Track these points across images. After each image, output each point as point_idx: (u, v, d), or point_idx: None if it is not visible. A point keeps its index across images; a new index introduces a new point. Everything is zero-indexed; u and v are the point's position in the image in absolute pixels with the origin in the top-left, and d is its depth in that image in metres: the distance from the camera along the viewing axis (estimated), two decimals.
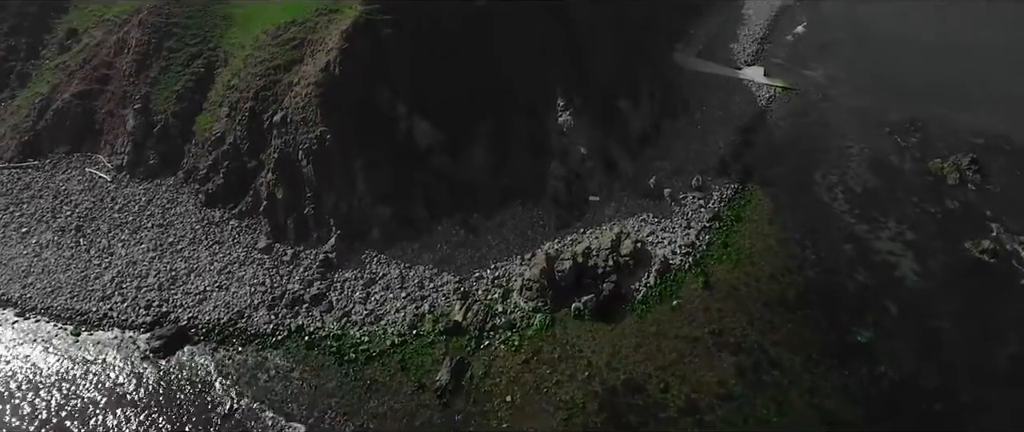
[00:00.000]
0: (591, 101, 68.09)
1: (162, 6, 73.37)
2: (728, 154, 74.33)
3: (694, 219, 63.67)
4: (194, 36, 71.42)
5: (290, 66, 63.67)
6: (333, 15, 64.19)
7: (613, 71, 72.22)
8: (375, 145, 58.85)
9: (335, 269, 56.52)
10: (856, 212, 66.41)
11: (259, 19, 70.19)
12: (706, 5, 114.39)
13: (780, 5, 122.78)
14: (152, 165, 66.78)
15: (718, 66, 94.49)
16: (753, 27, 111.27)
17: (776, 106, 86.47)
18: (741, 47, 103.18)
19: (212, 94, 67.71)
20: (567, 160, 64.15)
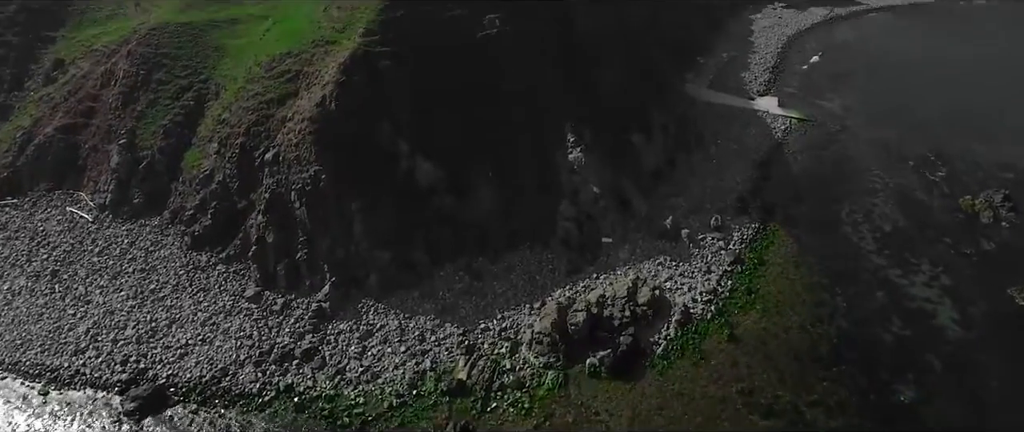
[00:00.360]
0: (602, 136, 64.40)
1: (152, 36, 70.11)
2: (746, 190, 70.37)
3: (714, 262, 59.45)
4: (184, 67, 68.01)
5: (284, 100, 60.08)
6: (330, 47, 60.80)
7: (624, 103, 68.64)
8: (373, 185, 54.91)
9: (329, 320, 52.16)
10: (886, 254, 62.17)
11: (253, 50, 66.85)
12: (715, 35, 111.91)
13: (790, 33, 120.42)
14: (136, 204, 62.83)
15: (731, 96, 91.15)
16: (764, 56, 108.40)
17: (793, 138, 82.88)
18: (753, 76, 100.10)
19: (202, 129, 64.05)
20: (578, 200, 60.19)
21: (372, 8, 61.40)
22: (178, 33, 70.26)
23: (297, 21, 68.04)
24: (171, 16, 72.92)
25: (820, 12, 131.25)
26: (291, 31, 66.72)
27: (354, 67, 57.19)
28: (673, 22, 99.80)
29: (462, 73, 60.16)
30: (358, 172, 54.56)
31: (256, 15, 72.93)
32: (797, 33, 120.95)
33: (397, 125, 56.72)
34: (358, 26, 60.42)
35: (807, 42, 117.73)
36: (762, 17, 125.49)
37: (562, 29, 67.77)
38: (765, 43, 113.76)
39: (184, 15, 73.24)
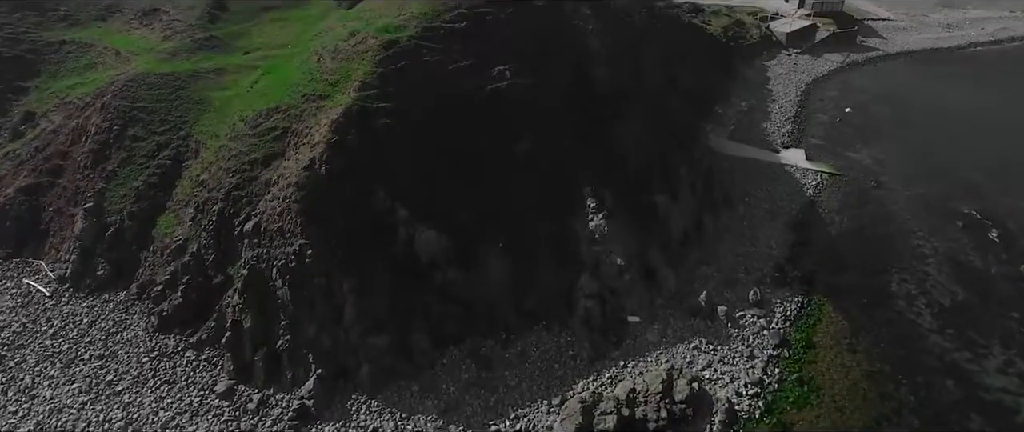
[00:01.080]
0: (624, 198, 57.70)
1: (130, 87, 64.15)
2: (783, 257, 63.38)
3: (757, 345, 51.98)
4: (163, 123, 61.80)
5: (269, 161, 53.59)
6: (322, 102, 54.61)
7: (645, 160, 62.20)
8: (367, 260, 47.86)
9: (312, 421, 44.41)
10: (950, 333, 54.76)
11: (239, 104, 60.75)
12: (731, 82, 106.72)
13: (808, 80, 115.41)
14: (101, 276, 55.72)
15: (755, 149, 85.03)
16: (784, 104, 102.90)
17: (826, 195, 76.27)
18: (775, 126, 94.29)
19: (178, 191, 57.38)
20: (600, 273, 53.08)
21: (370, 59, 55.51)
22: (158, 84, 64.33)
23: (289, 72, 62.17)
24: (152, 66, 67.21)
25: (836, 58, 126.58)
26: (281, 83, 60.73)
27: (348, 125, 50.86)
28: (687, 69, 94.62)
29: (469, 130, 53.89)
30: (350, 246, 47.58)
31: (245, 65, 67.25)
32: (814, 80, 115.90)
33: (396, 190, 50.03)
34: (354, 79, 54.41)
35: (826, 90, 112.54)
36: (777, 64, 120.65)
37: (577, 80, 61.84)
38: (783, 91, 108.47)
39: (167, 64, 67.55)
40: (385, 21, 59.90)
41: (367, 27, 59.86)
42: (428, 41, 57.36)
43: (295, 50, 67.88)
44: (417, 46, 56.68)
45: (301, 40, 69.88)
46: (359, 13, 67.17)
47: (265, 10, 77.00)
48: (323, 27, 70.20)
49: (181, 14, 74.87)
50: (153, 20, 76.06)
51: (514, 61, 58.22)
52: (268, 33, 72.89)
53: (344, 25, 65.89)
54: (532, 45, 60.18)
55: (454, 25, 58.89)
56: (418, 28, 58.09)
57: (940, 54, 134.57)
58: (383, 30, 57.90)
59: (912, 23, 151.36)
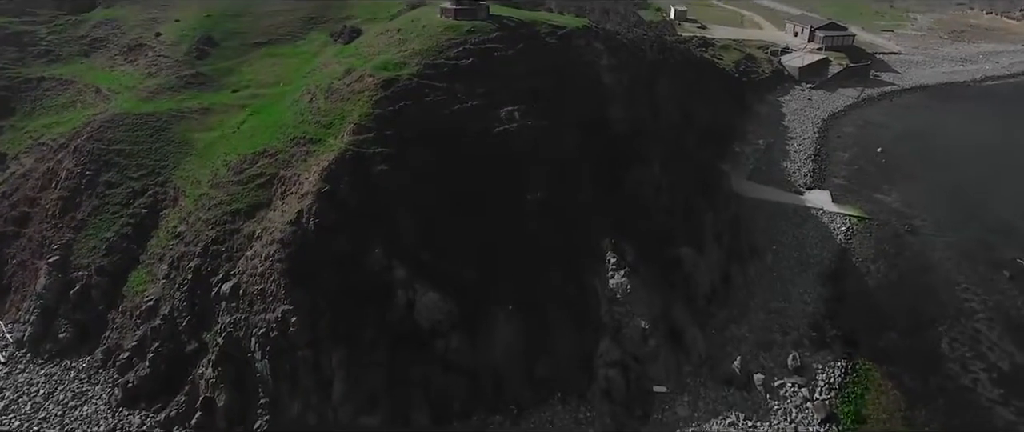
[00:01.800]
0: (646, 251, 52.19)
1: (106, 128, 59.21)
2: (820, 313, 57.60)
3: (801, 422, 45.88)
4: (140, 167, 56.67)
5: (253, 211, 48.24)
6: (313, 146, 49.52)
7: (667, 206, 56.93)
8: (360, 327, 42.11)
9: None
10: (1015, 406, 48.68)
11: (223, 147, 55.69)
12: (746, 119, 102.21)
13: (824, 116, 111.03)
14: (63, 339, 49.84)
15: (777, 191, 79.87)
16: (802, 141, 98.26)
17: (858, 242, 70.79)
18: (795, 166, 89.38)
19: (153, 244, 51.89)
20: (622, 337, 47.28)
21: (366, 99, 50.61)
22: (137, 125, 59.41)
23: (278, 112, 57.33)
24: (132, 105, 62.42)
25: (850, 93, 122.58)
26: (270, 124, 55.81)
27: (340, 173, 45.64)
28: (702, 105, 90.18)
29: (476, 178, 48.67)
30: (340, 311, 41.87)
31: (233, 104, 62.49)
32: (831, 116, 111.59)
33: (393, 246, 44.53)
34: (348, 121, 49.40)
35: (844, 126, 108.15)
36: (791, 99, 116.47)
37: (592, 120, 56.92)
38: (800, 128, 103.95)
39: (148, 103, 62.78)
40: (384, 58, 55.29)
41: (364, 64, 55.22)
42: (430, 79, 52.59)
43: (287, 88, 63.23)
44: (418, 85, 51.86)
45: (294, 78, 65.33)
46: (357, 49, 62.80)
47: (257, 45, 72.78)
48: (318, 64, 65.75)
49: (168, 49, 70.58)
50: (138, 55, 71.73)
51: (524, 101, 53.37)
52: (259, 70, 68.42)
53: (340, 62, 61.39)
54: (544, 83, 55.45)
55: (459, 62, 54.23)
56: (420, 65, 53.41)
57: (956, 88, 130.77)
58: (381, 67, 53.20)
59: (924, 57, 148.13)
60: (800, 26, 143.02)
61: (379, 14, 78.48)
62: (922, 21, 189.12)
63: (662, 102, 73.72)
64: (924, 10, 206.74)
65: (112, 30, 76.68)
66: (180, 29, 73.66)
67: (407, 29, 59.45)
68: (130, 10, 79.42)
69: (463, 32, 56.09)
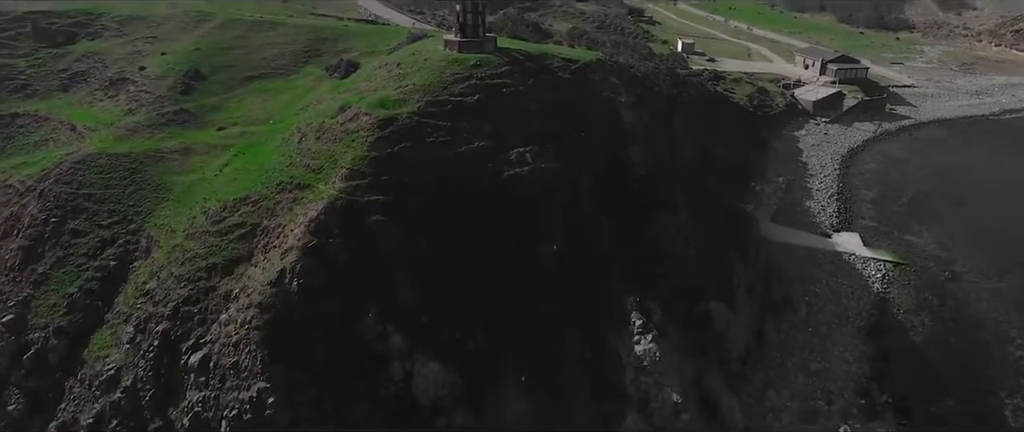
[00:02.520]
0: (673, 309, 46.55)
1: (77, 170, 54.03)
2: (864, 375, 51.72)
3: None
4: (111, 214, 51.31)
5: (231, 267, 42.66)
6: (300, 192, 44.18)
7: (693, 257, 51.42)
8: (349, 405, 36.17)
9: None
10: None
11: (203, 191, 50.39)
12: (763, 155, 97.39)
13: (843, 152, 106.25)
14: (13, 411, 43.78)
15: (804, 234, 74.45)
16: (823, 179, 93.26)
17: (896, 291, 65.10)
18: (819, 205, 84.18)
19: (120, 301, 46.18)
20: (650, 411, 41.29)
21: (361, 140, 45.47)
22: (111, 166, 54.25)
23: (265, 153, 52.24)
24: (107, 144, 57.42)
25: (867, 127, 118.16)
26: (256, 166, 50.62)
27: (329, 224, 40.22)
28: (718, 141, 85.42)
29: (483, 229, 43.21)
30: (326, 387, 35.99)
31: (217, 143, 57.47)
32: (849, 151, 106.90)
33: (389, 309, 38.86)
34: (341, 165, 44.17)
35: (864, 162, 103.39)
36: (807, 134, 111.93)
37: (610, 162, 51.81)
38: (820, 164, 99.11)
39: (125, 142, 57.80)
40: (382, 94, 50.41)
41: (360, 101, 50.29)
42: (433, 118, 47.57)
43: (277, 126, 58.31)
44: (419, 124, 46.80)
45: (285, 114, 60.50)
46: (353, 84, 58.09)
47: (248, 80, 68.23)
48: (311, 100, 60.99)
49: (151, 84, 65.97)
50: (119, 90, 67.13)
51: (536, 141, 48.27)
52: (248, 106, 63.66)
53: (334, 98, 56.58)
54: (557, 122, 50.49)
55: (464, 99, 49.31)
56: (421, 102, 48.46)
57: (975, 122, 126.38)
58: (378, 105, 48.25)
59: (939, 90, 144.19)
60: (811, 59, 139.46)
61: (378, 47, 74.18)
62: (930, 53, 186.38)
63: (679, 139, 68.85)
64: (930, 42, 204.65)
65: (94, 64, 72.30)
66: (166, 63, 69.27)
67: (407, 63, 54.80)
68: (114, 43, 75.22)
69: (469, 66, 51.33)
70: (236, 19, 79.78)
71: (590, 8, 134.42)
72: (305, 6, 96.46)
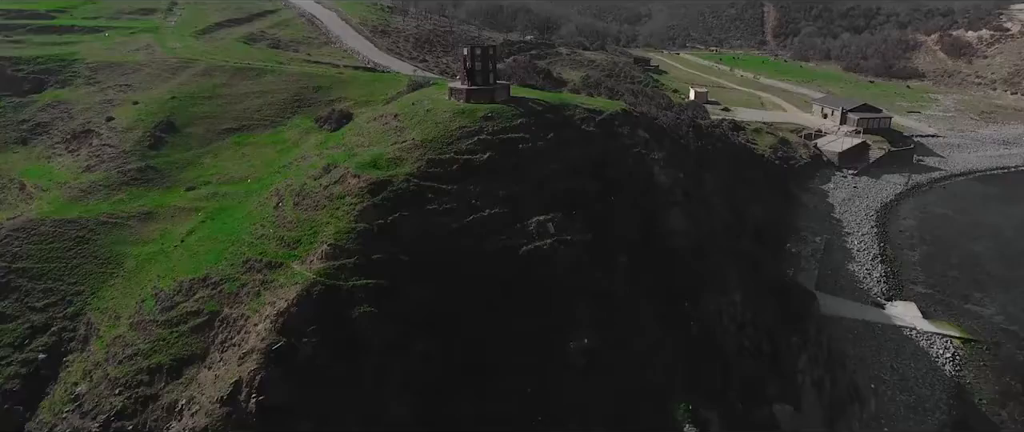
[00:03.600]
0: (732, 414, 37.43)
1: (13, 239, 45.65)
2: None
3: None
4: (47, 294, 42.75)
5: (180, 369, 33.81)
6: (271, 273, 35.64)
7: (747, 344, 42.58)
8: None
9: None
10: None
11: (159, 267, 41.92)
12: (794, 211, 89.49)
13: (876, 207, 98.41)
14: None
15: (856, 305, 65.54)
16: (862, 238, 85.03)
17: (972, 375, 55.99)
18: (863, 268, 75.64)
19: (44, 408, 37.10)
20: None
21: (347, 209, 37.24)
22: (54, 235, 45.93)
23: (236, 221, 44.01)
24: (55, 208, 49.26)
25: (896, 180, 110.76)
26: (223, 236, 42.29)
27: (303, 318, 31.58)
28: (749, 198, 77.51)
29: (497, 320, 34.55)
30: None
31: (184, 206, 49.34)
32: (883, 207, 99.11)
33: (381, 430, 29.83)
34: (321, 239, 35.82)
35: (901, 217, 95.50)
36: (835, 187, 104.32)
37: (648, 233, 43.47)
38: (855, 221, 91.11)
39: (76, 205, 49.65)
40: (375, 151, 42.53)
41: (348, 159, 42.36)
42: (435, 180, 39.52)
43: (255, 186, 50.32)
44: (419, 189, 38.69)
45: (265, 173, 52.59)
46: (344, 138, 50.37)
47: (227, 132, 60.72)
48: (296, 156, 53.20)
49: (117, 137, 58.40)
50: (82, 144, 59.56)
51: (560, 207, 40.13)
52: (225, 162, 55.87)
53: (321, 154, 48.77)
54: (584, 184, 42.44)
55: (473, 157, 41.38)
56: (421, 162, 40.50)
57: (1009, 174, 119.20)
58: (370, 165, 40.27)
59: (963, 139, 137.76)
60: (829, 108, 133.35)
61: (375, 96, 67.10)
62: (945, 102, 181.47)
63: (711, 198, 60.89)
64: (943, 91, 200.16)
65: (59, 114, 64.97)
66: (137, 113, 61.98)
67: (406, 114, 47.23)
68: (84, 91, 68.18)
69: (478, 118, 43.63)
70: (220, 65, 72.98)
71: (598, 57, 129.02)
72: (300, 53, 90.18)
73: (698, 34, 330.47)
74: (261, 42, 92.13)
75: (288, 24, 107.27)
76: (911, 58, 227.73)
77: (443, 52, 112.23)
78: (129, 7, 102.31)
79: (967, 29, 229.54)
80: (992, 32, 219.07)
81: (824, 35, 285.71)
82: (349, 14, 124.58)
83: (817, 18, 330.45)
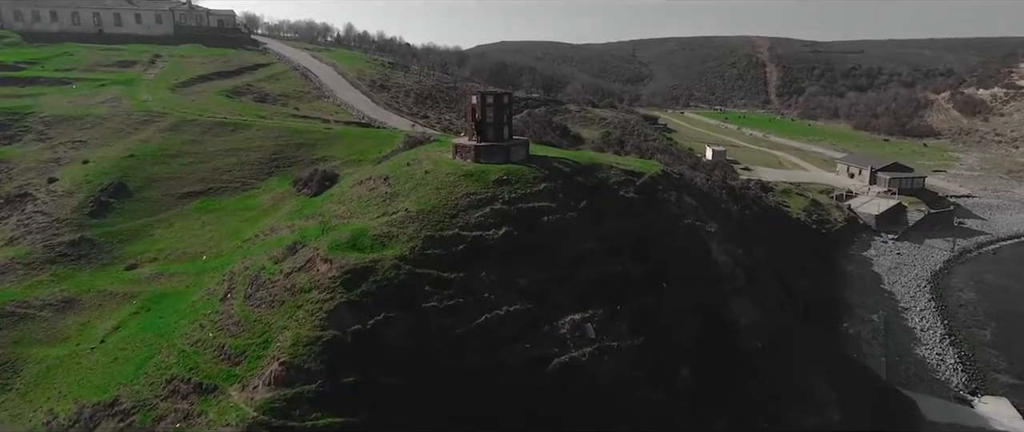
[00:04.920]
0: None
1: None
2: None
3: None
4: None
5: None
6: (202, 401, 25.10)
7: None
8: None
9: None
10: None
11: (61, 382, 31.39)
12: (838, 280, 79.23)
13: (926, 276, 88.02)
14: None
15: (940, 403, 53.85)
16: (922, 315, 74.02)
17: None
18: (934, 354, 64.36)
19: None
20: None
21: (312, 307, 27.01)
22: None
23: (172, 316, 33.68)
24: None
25: (941, 245, 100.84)
26: (154, 337, 31.89)
27: None
28: (795, 270, 67.48)
29: None
30: None
31: (116, 292, 39.03)
32: (933, 276, 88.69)
33: None
34: (274, 351, 25.50)
35: (957, 289, 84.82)
36: (878, 255, 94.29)
37: (707, 328, 33.15)
38: (908, 294, 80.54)
39: None
40: (356, 225, 32.74)
41: (323, 236, 32.49)
42: (434, 266, 29.51)
43: (210, 265, 40.27)
44: (412, 278, 28.62)
45: (227, 248, 42.64)
46: (324, 206, 40.68)
47: (188, 196, 51.22)
48: (265, 227, 43.37)
49: (54, 202, 48.87)
50: (14, 211, 50.01)
51: (600, 301, 30.04)
52: (180, 233, 46.03)
53: (293, 226, 39.00)
54: (628, 267, 32.41)
55: (485, 234, 31.51)
56: (415, 240, 30.61)
57: None
58: (348, 245, 30.31)
59: (1001, 200, 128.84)
60: (856, 167, 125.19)
61: (366, 154, 58.00)
62: (968, 160, 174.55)
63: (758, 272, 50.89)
64: (962, 149, 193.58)
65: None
66: (84, 173, 52.78)
67: (400, 177, 37.76)
68: (33, 149, 59.25)
69: (490, 182, 34.05)
70: (191, 120, 64.24)
71: (609, 114, 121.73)
72: (287, 107, 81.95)
73: (701, 93, 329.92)
74: (246, 96, 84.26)
75: (279, 78, 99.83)
76: (924, 116, 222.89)
77: (446, 108, 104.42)
78: (107, 59, 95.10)
79: (978, 87, 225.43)
80: (1006, 90, 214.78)
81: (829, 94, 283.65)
82: (346, 68, 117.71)
83: (820, 78, 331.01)
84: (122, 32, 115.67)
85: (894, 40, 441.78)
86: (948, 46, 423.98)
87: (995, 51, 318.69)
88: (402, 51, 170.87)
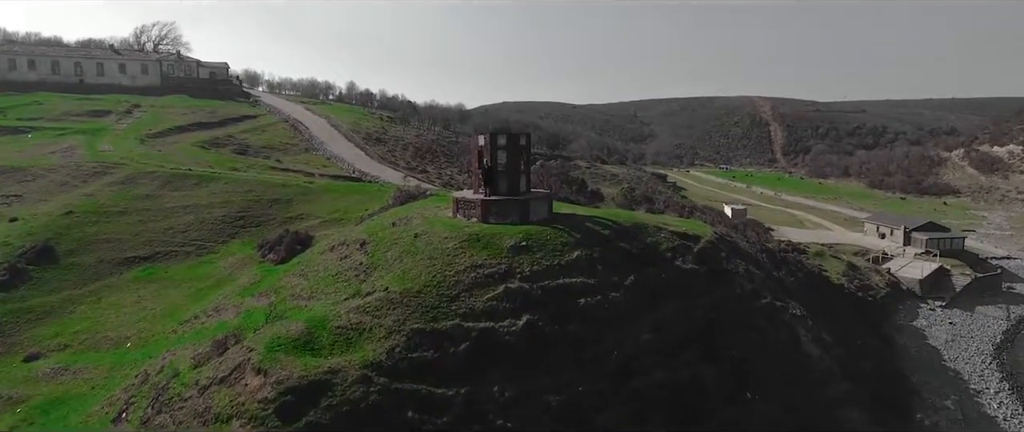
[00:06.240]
0: None
1: None
2: None
3: None
4: None
5: None
6: None
7: None
8: None
9: None
10: None
11: None
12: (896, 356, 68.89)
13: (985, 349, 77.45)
14: None
15: None
16: (997, 398, 62.57)
17: None
18: None
19: None
20: None
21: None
22: None
23: None
24: None
25: (994, 313, 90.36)
26: None
27: None
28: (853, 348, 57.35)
29: None
30: None
31: (2, 394, 29.03)
32: (996, 349, 78.12)
33: None
34: None
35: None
36: (929, 325, 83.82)
37: None
38: (976, 373, 69.56)
39: None
40: (314, 311, 23.24)
41: (266, 324, 22.95)
42: (421, 379, 19.80)
43: (132, 357, 30.49)
44: (388, 399, 18.86)
45: (160, 332, 32.93)
46: (284, 279, 31.25)
47: (128, 263, 41.97)
48: (211, 305, 33.80)
49: None
50: None
51: (666, 422, 20.10)
52: (107, 310, 36.48)
53: (240, 306, 29.47)
54: (694, 370, 22.65)
55: (499, 325, 21.91)
56: (397, 337, 21.05)
57: None
58: (297, 345, 20.69)
59: None
60: (887, 227, 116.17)
61: (350, 213, 49.02)
62: (994, 219, 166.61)
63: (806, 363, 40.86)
64: (983, 208, 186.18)
65: None
66: (6, 234, 43.69)
67: (379, 241, 28.49)
68: None
69: (504, 250, 24.68)
70: (149, 172, 55.67)
71: (620, 170, 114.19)
72: (269, 160, 73.60)
73: (706, 152, 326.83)
74: (225, 147, 76.19)
75: (265, 129, 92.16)
76: (938, 174, 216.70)
77: (447, 162, 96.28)
78: (79, 109, 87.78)
79: (993, 145, 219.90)
80: (1023, 148, 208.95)
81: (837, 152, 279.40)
82: (341, 120, 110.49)
83: (825, 136, 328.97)
84: (104, 82, 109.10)
85: (891, 100, 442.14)
86: (943, 106, 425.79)
87: (991, 111, 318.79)
88: (403, 108, 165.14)
